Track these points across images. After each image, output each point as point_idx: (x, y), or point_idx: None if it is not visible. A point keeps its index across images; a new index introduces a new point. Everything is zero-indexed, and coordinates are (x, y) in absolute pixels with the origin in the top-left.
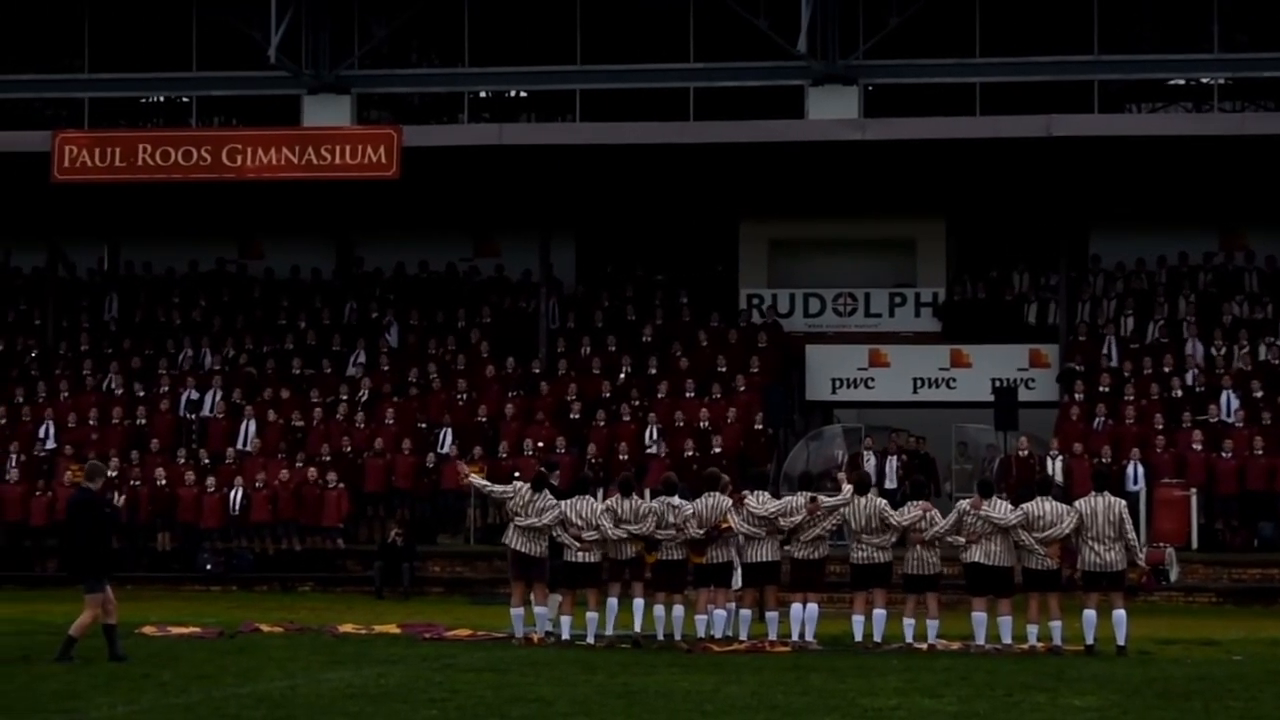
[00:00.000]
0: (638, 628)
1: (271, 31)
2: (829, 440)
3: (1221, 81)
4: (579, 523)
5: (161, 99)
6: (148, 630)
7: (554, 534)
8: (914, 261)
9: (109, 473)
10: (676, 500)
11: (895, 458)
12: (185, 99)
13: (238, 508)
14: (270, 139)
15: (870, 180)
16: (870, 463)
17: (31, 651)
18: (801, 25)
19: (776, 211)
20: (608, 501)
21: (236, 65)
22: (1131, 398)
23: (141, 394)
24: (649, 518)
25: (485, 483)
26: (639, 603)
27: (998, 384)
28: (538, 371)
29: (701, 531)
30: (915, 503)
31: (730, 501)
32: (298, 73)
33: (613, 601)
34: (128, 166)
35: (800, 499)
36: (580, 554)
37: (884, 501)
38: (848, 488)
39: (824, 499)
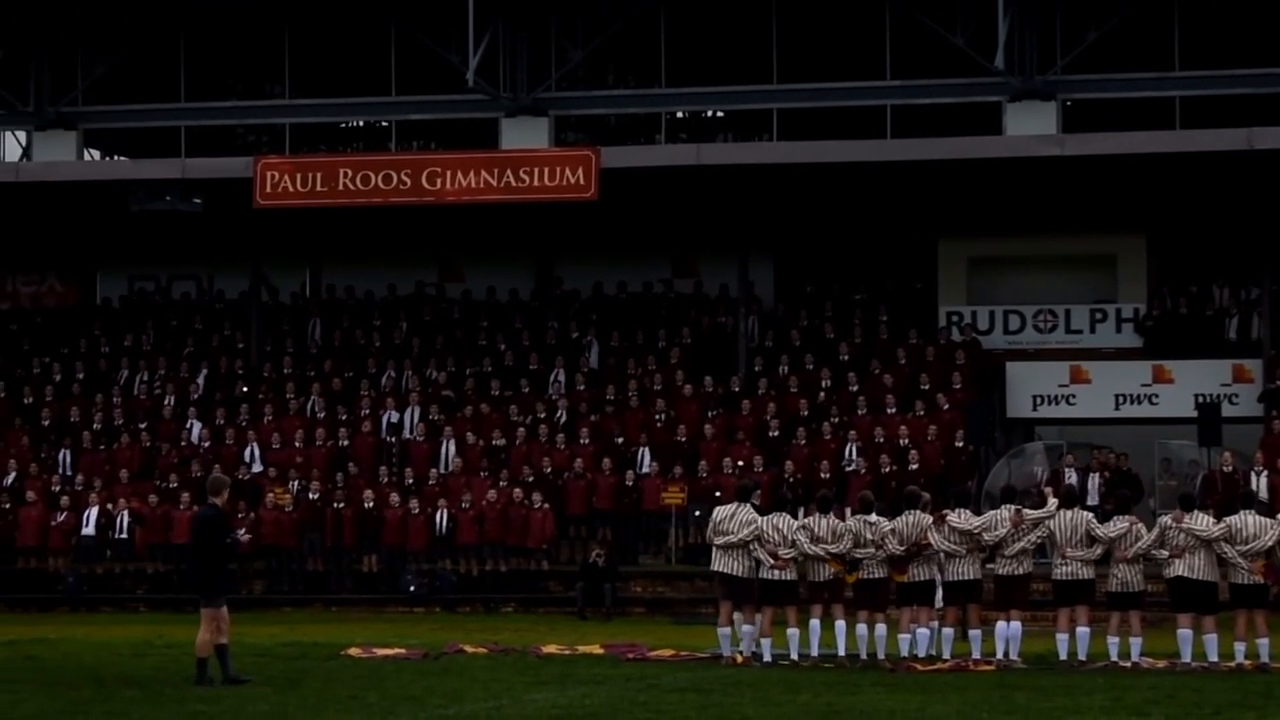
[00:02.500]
0: (841, 649)
1: (469, 55)
2: (1030, 458)
3: None
4: (775, 538)
5: (361, 123)
6: (353, 652)
7: (750, 549)
8: (1115, 277)
9: (310, 495)
10: (874, 518)
11: (1097, 475)
12: (384, 123)
13: (445, 529)
14: (469, 162)
15: (1070, 196)
16: (1071, 479)
17: (239, 673)
18: (999, 41)
19: (975, 228)
20: (805, 519)
21: (435, 89)
22: None
23: (343, 416)
24: (846, 536)
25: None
26: (841, 624)
27: (1200, 400)
28: (737, 390)
29: (901, 549)
30: (1122, 516)
31: (930, 519)
32: (496, 96)
33: (815, 622)
34: (329, 191)
35: (1004, 512)
36: (774, 571)
37: (1090, 515)
38: (1053, 501)
39: (1029, 511)
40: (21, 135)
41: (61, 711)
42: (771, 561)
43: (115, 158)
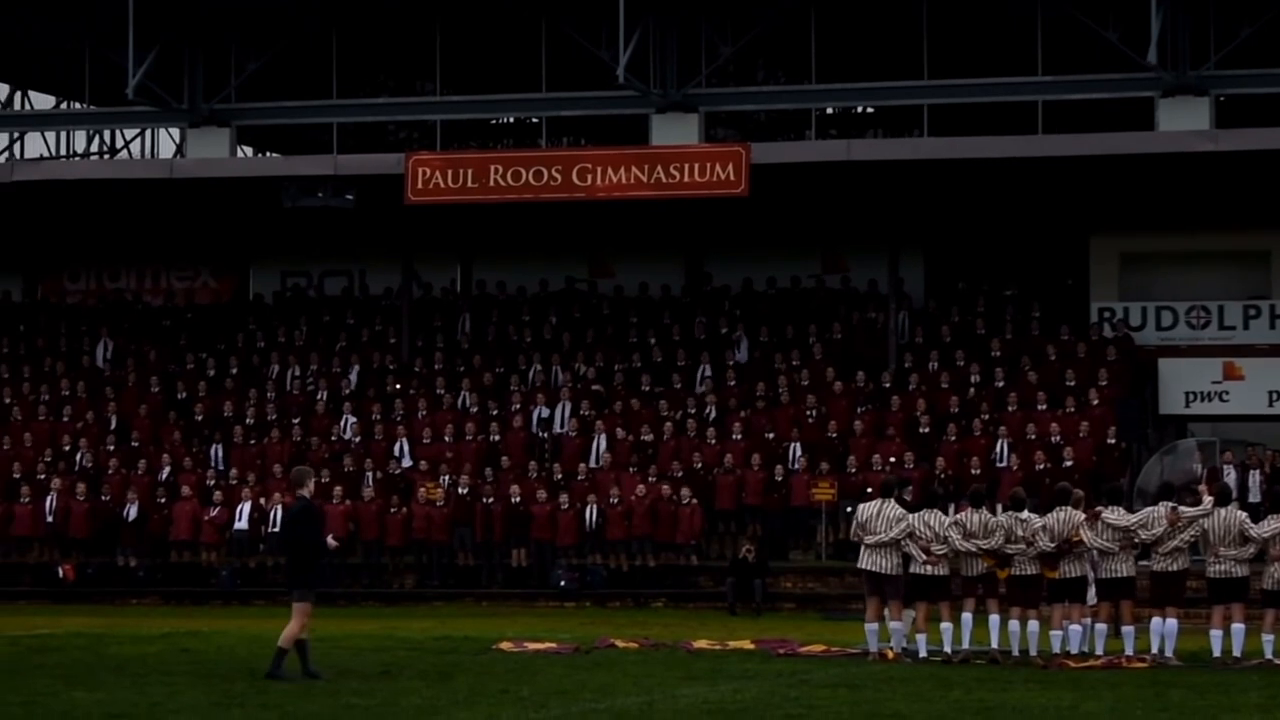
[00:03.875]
0: (994, 644)
1: (620, 51)
2: (1183, 454)
3: None
4: (927, 534)
5: (511, 120)
6: (505, 646)
7: (902, 545)
8: (1268, 273)
9: (460, 490)
10: (1025, 514)
11: (1257, 471)
12: (535, 119)
13: (593, 524)
14: (620, 158)
15: (1223, 192)
16: (1231, 476)
17: (391, 667)
18: (1152, 36)
19: (1127, 224)
20: (957, 515)
21: (585, 85)
22: None
23: (494, 411)
24: (997, 532)
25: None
26: (994, 619)
27: None
28: (887, 386)
29: (1053, 545)
30: (1275, 515)
31: (1082, 515)
32: (646, 92)
33: (967, 616)
34: (479, 187)
35: (1160, 509)
36: (926, 567)
37: (1244, 514)
38: (1208, 499)
39: (1184, 509)
40: (175, 132)
41: (216, 704)
42: (924, 558)
43: (268, 154)
